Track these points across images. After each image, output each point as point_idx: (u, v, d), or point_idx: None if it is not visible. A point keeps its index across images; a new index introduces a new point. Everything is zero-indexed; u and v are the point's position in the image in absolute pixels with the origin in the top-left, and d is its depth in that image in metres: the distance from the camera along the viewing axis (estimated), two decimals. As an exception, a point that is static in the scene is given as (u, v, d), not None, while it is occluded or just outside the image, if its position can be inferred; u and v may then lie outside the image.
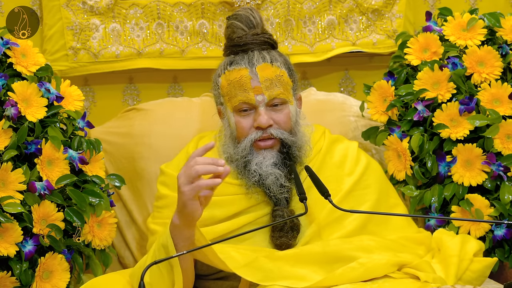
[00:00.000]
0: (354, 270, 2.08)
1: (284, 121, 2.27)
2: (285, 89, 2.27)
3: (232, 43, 2.32)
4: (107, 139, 2.67)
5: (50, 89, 2.27)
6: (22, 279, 2.15)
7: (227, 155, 2.29)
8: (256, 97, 2.24)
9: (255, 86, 2.24)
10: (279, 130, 2.25)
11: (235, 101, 2.26)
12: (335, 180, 2.31)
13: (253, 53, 2.29)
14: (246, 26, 2.33)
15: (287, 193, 2.24)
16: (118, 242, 2.66)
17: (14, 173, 2.14)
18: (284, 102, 2.27)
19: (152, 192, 2.61)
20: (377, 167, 2.42)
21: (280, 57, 2.32)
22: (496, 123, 2.44)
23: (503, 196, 2.42)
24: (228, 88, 2.27)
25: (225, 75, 2.28)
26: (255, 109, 2.26)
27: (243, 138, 2.26)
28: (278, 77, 2.26)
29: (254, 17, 2.34)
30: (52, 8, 2.80)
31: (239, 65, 2.27)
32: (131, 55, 2.86)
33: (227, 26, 2.36)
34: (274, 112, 2.26)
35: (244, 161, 2.25)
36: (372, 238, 2.22)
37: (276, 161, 2.25)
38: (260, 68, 2.26)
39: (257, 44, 2.30)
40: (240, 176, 2.26)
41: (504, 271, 2.52)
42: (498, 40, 2.58)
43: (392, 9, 2.96)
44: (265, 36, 2.32)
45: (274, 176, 2.23)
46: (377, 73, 2.97)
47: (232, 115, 2.28)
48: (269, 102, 2.25)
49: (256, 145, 2.26)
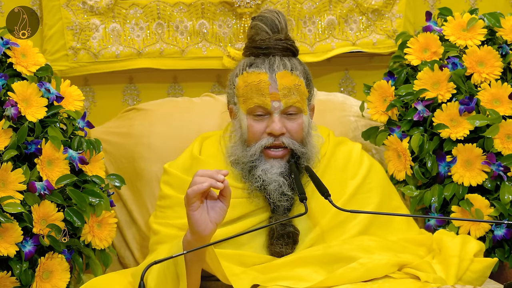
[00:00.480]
0: (355, 270, 2.08)
1: (296, 130, 2.25)
2: (301, 98, 2.25)
3: (254, 44, 2.29)
4: (107, 139, 2.67)
5: (50, 89, 2.27)
6: (22, 279, 2.15)
7: (234, 158, 2.28)
8: (272, 103, 2.22)
9: (273, 92, 2.22)
10: (290, 139, 2.24)
11: (250, 103, 2.24)
12: (339, 183, 2.31)
13: (274, 58, 2.26)
14: (270, 29, 2.30)
15: (286, 202, 2.23)
16: (118, 242, 2.66)
17: (14, 173, 2.14)
18: (299, 111, 2.25)
19: (152, 192, 2.61)
20: (379, 169, 2.42)
21: (300, 65, 2.30)
22: (496, 123, 2.44)
23: (503, 196, 2.42)
24: (244, 89, 2.25)
25: (243, 76, 2.26)
26: (269, 115, 2.24)
27: (253, 142, 2.24)
28: (296, 86, 2.24)
29: (280, 21, 2.31)
30: (52, 8, 2.80)
31: (259, 68, 2.24)
32: (131, 55, 2.86)
33: (251, 26, 2.34)
34: (288, 120, 2.25)
35: (250, 165, 2.24)
36: (373, 239, 2.22)
37: (283, 171, 2.24)
38: (280, 75, 2.23)
39: (279, 49, 2.27)
40: (244, 180, 2.26)
41: (504, 271, 2.52)
42: (498, 40, 2.59)
43: (392, 9, 2.96)
44: (288, 42, 2.29)
45: (277, 184, 2.22)
46: (377, 73, 2.97)
47: (245, 118, 2.26)
48: (284, 110, 2.23)
49: (266, 153, 2.24)
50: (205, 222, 1.98)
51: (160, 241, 2.27)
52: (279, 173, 2.23)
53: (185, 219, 2.21)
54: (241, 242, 2.22)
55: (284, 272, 2.13)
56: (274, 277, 2.11)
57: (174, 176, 2.33)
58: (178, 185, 2.32)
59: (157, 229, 2.30)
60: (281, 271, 2.13)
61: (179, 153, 2.45)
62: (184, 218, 2.24)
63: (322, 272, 2.12)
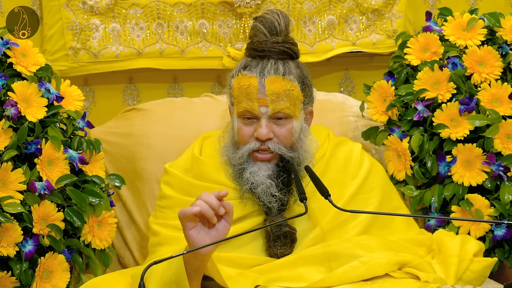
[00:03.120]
0: (356, 269, 2.08)
1: (285, 136, 2.25)
2: (292, 104, 2.24)
3: (252, 46, 2.29)
4: (107, 139, 2.67)
5: (50, 89, 2.27)
6: (22, 279, 2.15)
7: (226, 158, 2.29)
8: (260, 108, 2.22)
9: (261, 98, 2.22)
10: (278, 144, 2.23)
11: (240, 107, 2.25)
12: (339, 183, 2.31)
13: (268, 62, 2.25)
14: (268, 31, 2.29)
15: (276, 203, 2.22)
16: (118, 242, 2.66)
17: (14, 173, 2.14)
18: (289, 116, 2.24)
19: (152, 192, 2.61)
20: (380, 169, 2.42)
21: (297, 69, 2.27)
22: (496, 123, 2.44)
23: (503, 196, 2.42)
24: (237, 92, 2.26)
25: (238, 78, 2.27)
26: (258, 120, 2.24)
27: (242, 145, 2.25)
28: (286, 91, 2.23)
29: (279, 23, 2.29)
30: (52, 8, 2.80)
31: (251, 72, 2.24)
32: (131, 55, 2.86)
33: (251, 27, 2.34)
34: (276, 125, 2.24)
35: (239, 168, 2.25)
36: (373, 238, 2.22)
37: (271, 174, 2.24)
38: (269, 81, 2.22)
39: (275, 53, 2.26)
40: (235, 182, 2.26)
41: (504, 271, 2.52)
42: (498, 40, 2.59)
43: (392, 9, 2.96)
44: (286, 45, 2.27)
45: (265, 186, 2.22)
46: (377, 73, 2.97)
47: (236, 120, 2.27)
48: (272, 115, 2.23)
49: (254, 156, 2.25)
50: (202, 241, 1.94)
51: (160, 242, 2.27)
52: (267, 175, 2.23)
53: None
54: (237, 246, 2.22)
55: (285, 272, 2.13)
56: (275, 277, 2.11)
57: (175, 176, 2.33)
58: (179, 186, 2.32)
59: (156, 230, 2.30)
60: (281, 271, 2.13)
61: (179, 153, 2.45)
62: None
63: (323, 270, 2.12)
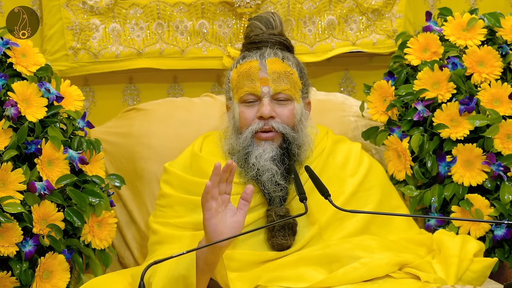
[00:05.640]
0: (356, 269, 2.08)
1: (287, 115, 2.27)
2: (292, 86, 2.28)
3: (249, 40, 2.35)
4: (107, 139, 2.67)
5: (50, 89, 2.27)
6: (22, 279, 2.15)
7: (229, 147, 2.30)
8: (262, 88, 2.25)
9: (262, 77, 2.26)
10: (281, 124, 2.26)
11: (241, 92, 2.27)
12: (338, 181, 2.31)
13: (266, 49, 2.31)
14: (264, 26, 2.36)
15: (280, 192, 2.24)
16: (118, 242, 2.66)
17: (14, 173, 2.14)
18: (290, 98, 2.28)
19: (152, 192, 2.61)
20: (380, 168, 2.42)
21: (294, 58, 2.34)
22: (496, 123, 2.44)
23: (503, 196, 2.42)
24: (237, 79, 2.29)
25: (236, 69, 2.31)
26: (260, 101, 2.27)
27: (245, 128, 2.27)
28: (287, 73, 2.27)
29: (274, 19, 2.37)
30: (52, 8, 2.80)
31: (250, 57, 2.30)
32: (131, 55, 2.86)
33: (247, 26, 2.40)
34: (279, 105, 2.27)
35: (244, 153, 2.26)
36: (373, 238, 2.22)
37: (275, 156, 2.25)
38: (270, 61, 2.27)
39: (272, 43, 2.33)
40: (240, 170, 2.27)
41: (504, 271, 2.52)
42: (498, 40, 2.59)
43: (392, 9, 2.96)
44: (282, 37, 2.35)
45: (270, 173, 2.23)
46: (377, 73, 2.97)
47: (237, 106, 2.29)
48: (274, 95, 2.26)
49: (257, 136, 2.26)
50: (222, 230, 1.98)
51: (159, 240, 2.27)
52: (271, 158, 2.24)
53: (184, 218, 2.21)
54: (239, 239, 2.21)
55: (285, 272, 2.13)
56: (275, 277, 2.11)
57: (174, 175, 2.34)
58: (178, 184, 2.32)
59: (156, 229, 2.30)
60: (281, 271, 2.13)
61: (179, 153, 2.45)
62: (183, 217, 2.24)
63: (323, 271, 2.12)
